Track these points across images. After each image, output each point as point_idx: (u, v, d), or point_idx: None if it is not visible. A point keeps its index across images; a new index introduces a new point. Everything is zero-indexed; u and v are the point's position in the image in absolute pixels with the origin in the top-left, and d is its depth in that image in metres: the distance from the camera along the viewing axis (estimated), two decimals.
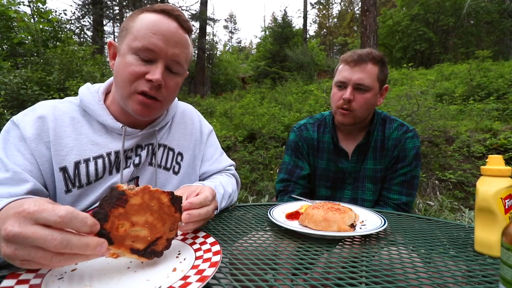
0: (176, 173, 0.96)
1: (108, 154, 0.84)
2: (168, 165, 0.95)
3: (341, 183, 1.28)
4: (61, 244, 0.41)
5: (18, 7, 6.22)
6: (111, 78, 0.92)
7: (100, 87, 0.93)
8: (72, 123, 0.82)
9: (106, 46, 0.91)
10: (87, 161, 0.80)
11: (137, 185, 0.92)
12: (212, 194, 0.69)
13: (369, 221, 0.80)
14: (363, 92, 1.16)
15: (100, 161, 0.82)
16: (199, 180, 1.04)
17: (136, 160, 0.88)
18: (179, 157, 0.98)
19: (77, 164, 0.79)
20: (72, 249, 0.42)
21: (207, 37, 14.54)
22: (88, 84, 0.93)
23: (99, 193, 0.82)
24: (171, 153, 0.96)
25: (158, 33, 0.79)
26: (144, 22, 0.80)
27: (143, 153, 0.89)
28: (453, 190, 3.93)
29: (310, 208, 0.78)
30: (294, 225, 0.75)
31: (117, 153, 0.85)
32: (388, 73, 1.22)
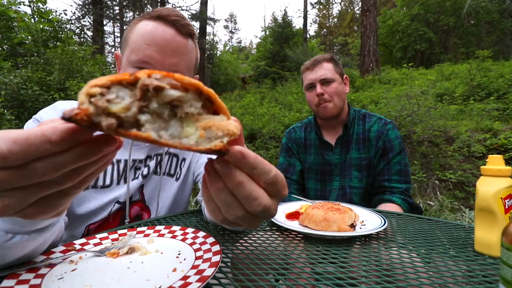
0: (177, 179, 0.97)
1: (118, 161, 0.84)
2: (172, 171, 0.96)
3: (329, 175, 1.42)
4: (48, 169, 0.30)
5: (18, 7, 6.23)
6: None
7: None
8: None
9: (106, 46, 0.92)
10: None
11: (141, 194, 0.92)
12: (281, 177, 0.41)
13: (369, 221, 0.80)
14: (329, 84, 1.38)
15: (109, 167, 0.82)
16: (195, 181, 1.04)
17: (145, 171, 0.89)
18: (183, 163, 0.99)
19: None
20: (67, 166, 0.30)
21: (207, 37, 14.54)
22: None
23: (102, 202, 0.83)
24: (175, 159, 0.97)
25: (153, 44, 0.76)
26: (140, 33, 0.78)
27: (152, 163, 0.90)
28: (453, 190, 3.93)
29: (310, 208, 0.78)
30: (294, 225, 0.75)
31: (126, 161, 0.86)
32: (342, 67, 1.46)
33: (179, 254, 0.56)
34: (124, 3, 11.82)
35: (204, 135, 0.31)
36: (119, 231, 0.66)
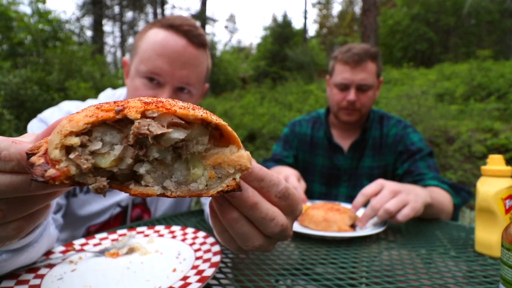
0: None
1: None
2: None
3: (336, 179, 1.29)
4: None
5: (18, 7, 6.24)
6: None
7: (120, 95, 0.90)
8: None
9: (106, 46, 0.91)
10: None
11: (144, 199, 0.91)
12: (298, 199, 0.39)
13: (369, 221, 0.80)
14: (366, 91, 1.18)
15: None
16: None
17: None
18: None
19: None
20: None
21: (207, 37, 14.52)
22: (109, 89, 0.91)
23: (103, 205, 0.82)
24: None
25: (163, 55, 0.73)
26: (150, 42, 0.75)
27: None
28: None
29: (310, 208, 0.78)
30: (294, 225, 0.75)
31: None
32: (382, 65, 1.25)
33: (179, 254, 0.56)
34: (124, 3, 11.82)
35: (214, 175, 0.27)
36: (119, 231, 0.66)
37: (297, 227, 0.73)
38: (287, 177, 0.96)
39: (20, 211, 0.28)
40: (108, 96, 0.89)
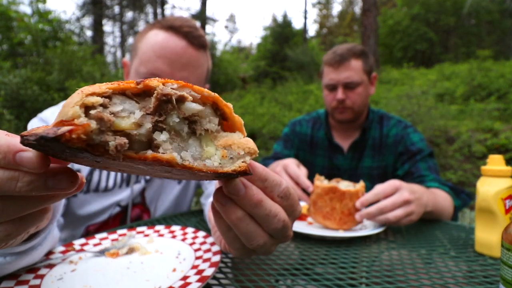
0: (179, 182, 0.97)
1: None
2: None
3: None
4: None
5: (19, 7, 6.25)
6: None
7: None
8: None
9: (106, 46, 0.92)
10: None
11: (143, 197, 0.91)
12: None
13: (369, 222, 0.80)
14: (354, 89, 1.19)
15: (113, 172, 0.83)
16: (199, 185, 1.03)
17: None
18: None
19: (92, 170, 0.80)
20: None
21: (207, 37, 14.53)
22: None
23: (103, 205, 0.83)
24: None
25: (163, 56, 0.74)
26: (150, 43, 0.76)
27: None
28: None
29: (321, 218, 0.75)
30: (296, 225, 0.75)
31: None
32: (373, 62, 1.25)
33: (179, 254, 0.56)
34: (124, 3, 11.83)
35: (226, 155, 0.27)
36: (119, 231, 0.66)
37: (297, 227, 0.73)
38: (286, 166, 0.93)
39: (7, 214, 0.26)
40: None
